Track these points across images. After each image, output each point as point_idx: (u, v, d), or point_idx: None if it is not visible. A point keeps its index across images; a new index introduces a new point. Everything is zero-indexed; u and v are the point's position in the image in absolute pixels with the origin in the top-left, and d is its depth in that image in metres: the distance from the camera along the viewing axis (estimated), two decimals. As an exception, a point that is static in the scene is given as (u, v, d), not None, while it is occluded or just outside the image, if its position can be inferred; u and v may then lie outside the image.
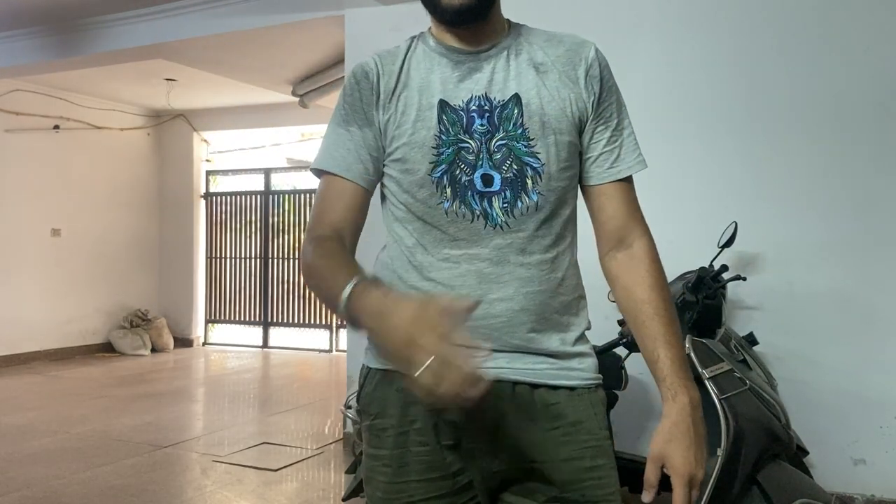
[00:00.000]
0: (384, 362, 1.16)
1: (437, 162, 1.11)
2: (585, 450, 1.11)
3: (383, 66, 1.16)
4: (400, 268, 1.16)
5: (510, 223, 1.11)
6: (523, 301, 1.11)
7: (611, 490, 1.12)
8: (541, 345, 1.13)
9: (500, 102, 1.12)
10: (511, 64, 1.14)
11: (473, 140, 1.11)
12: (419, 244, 1.14)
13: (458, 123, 1.11)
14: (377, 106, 1.15)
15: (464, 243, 1.12)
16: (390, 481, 1.14)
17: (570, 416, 1.13)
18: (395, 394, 1.14)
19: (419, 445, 1.13)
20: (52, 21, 5.20)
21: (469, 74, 1.13)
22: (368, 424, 1.19)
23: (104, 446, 4.20)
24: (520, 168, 1.11)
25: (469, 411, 1.09)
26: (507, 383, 1.12)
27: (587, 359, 1.18)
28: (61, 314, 7.48)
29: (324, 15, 4.27)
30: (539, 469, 1.11)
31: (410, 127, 1.12)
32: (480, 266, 1.11)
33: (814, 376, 3.15)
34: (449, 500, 1.14)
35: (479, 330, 1.11)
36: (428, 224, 1.13)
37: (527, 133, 1.11)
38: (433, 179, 1.11)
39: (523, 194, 1.11)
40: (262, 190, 8.63)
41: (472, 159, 1.11)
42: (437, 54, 1.16)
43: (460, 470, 1.13)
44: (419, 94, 1.13)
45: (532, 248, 1.12)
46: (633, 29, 3.48)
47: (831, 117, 3.18)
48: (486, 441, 1.12)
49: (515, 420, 1.12)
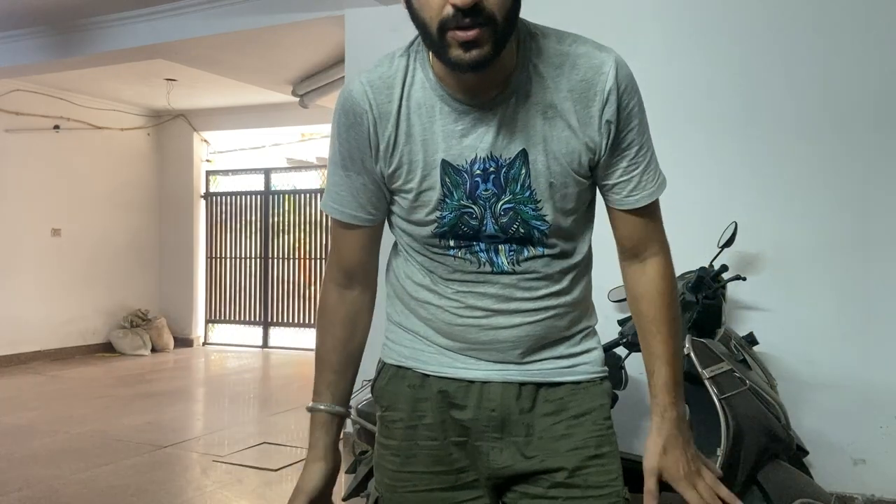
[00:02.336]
0: (398, 359, 1.21)
1: (440, 223, 1.09)
2: (590, 439, 1.13)
3: (377, 107, 1.06)
4: (410, 288, 1.18)
5: (517, 269, 1.11)
6: (529, 329, 1.13)
7: (613, 476, 1.13)
8: (546, 355, 1.16)
9: (507, 161, 1.04)
10: (519, 113, 1.04)
11: (477, 206, 1.07)
12: (425, 268, 1.16)
13: (461, 187, 1.06)
14: (376, 157, 1.08)
15: (470, 280, 1.13)
16: (398, 469, 1.18)
17: (573, 409, 1.14)
18: (407, 389, 1.18)
19: (427, 440, 1.16)
20: (52, 21, 5.20)
21: (473, 128, 1.04)
22: (380, 415, 1.23)
23: (104, 446, 4.20)
24: (527, 231, 1.08)
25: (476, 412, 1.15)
26: (514, 385, 1.14)
27: (593, 352, 1.19)
28: (61, 314, 7.48)
29: (324, 15, 4.27)
30: (544, 462, 1.13)
31: (417, 185, 1.07)
32: (487, 302, 1.12)
33: (814, 376, 3.14)
34: (450, 493, 1.16)
35: (486, 352, 1.14)
36: (434, 263, 1.14)
37: (534, 195, 1.06)
38: (436, 233, 1.10)
39: (529, 246, 1.10)
40: (262, 190, 8.63)
41: (475, 224, 1.08)
42: (436, 96, 1.05)
43: (464, 467, 1.16)
44: (423, 148, 1.06)
45: (538, 286, 1.13)
46: (633, 29, 3.47)
47: (831, 117, 3.17)
48: (492, 440, 1.14)
49: (521, 419, 1.14)
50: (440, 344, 1.16)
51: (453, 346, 1.15)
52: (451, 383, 1.15)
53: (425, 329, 1.17)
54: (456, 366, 1.15)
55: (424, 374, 1.17)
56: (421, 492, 1.16)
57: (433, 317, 1.16)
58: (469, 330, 1.13)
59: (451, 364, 1.15)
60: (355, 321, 1.22)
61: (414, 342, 1.19)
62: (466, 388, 1.15)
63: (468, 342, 1.14)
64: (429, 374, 1.16)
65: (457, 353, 1.16)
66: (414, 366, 1.18)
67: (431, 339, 1.17)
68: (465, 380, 1.15)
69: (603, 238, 1.28)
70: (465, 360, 1.15)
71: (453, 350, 1.16)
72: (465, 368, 1.15)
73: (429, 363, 1.17)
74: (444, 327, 1.15)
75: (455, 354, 1.16)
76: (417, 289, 1.17)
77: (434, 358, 1.16)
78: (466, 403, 1.14)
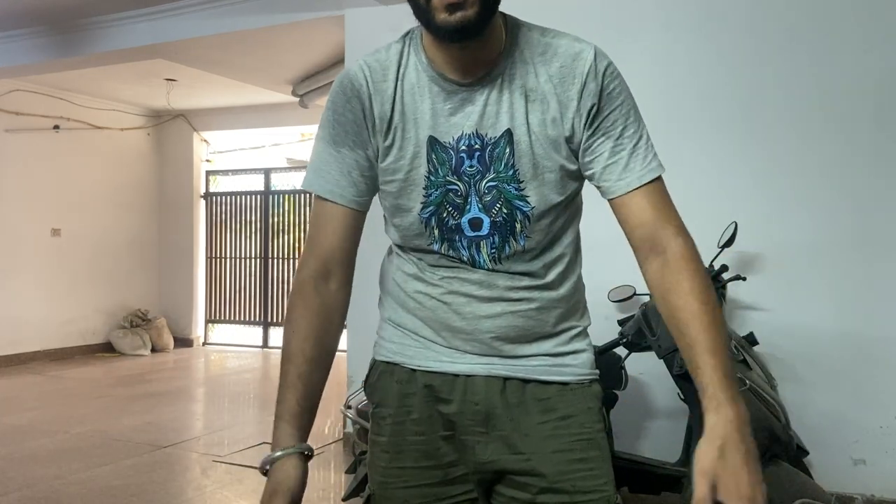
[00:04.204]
0: (387, 355, 1.21)
1: (425, 203, 1.10)
2: (576, 442, 1.12)
3: (374, 84, 1.10)
4: (400, 279, 1.19)
5: (498, 268, 1.12)
6: (512, 319, 1.13)
7: (602, 481, 1.11)
8: (531, 350, 1.16)
9: (492, 140, 1.07)
10: (504, 94, 1.08)
11: (462, 182, 1.08)
12: (416, 260, 1.17)
13: (447, 164, 1.08)
14: (372, 131, 1.11)
15: (455, 270, 1.14)
16: (388, 465, 1.18)
17: (561, 410, 1.14)
18: (395, 385, 1.19)
19: (415, 435, 1.17)
20: (52, 21, 5.20)
21: (461, 107, 1.08)
22: (372, 412, 1.23)
23: (104, 446, 4.20)
24: (510, 212, 1.09)
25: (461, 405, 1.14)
26: (498, 379, 1.14)
27: (581, 354, 1.18)
28: (61, 314, 7.48)
29: (324, 15, 4.27)
30: (530, 461, 1.12)
31: (408, 163, 1.10)
32: (470, 288, 1.13)
33: (814, 376, 3.15)
34: (441, 488, 1.17)
35: (470, 342, 1.14)
36: (421, 253, 1.16)
37: (517, 175, 1.08)
38: (422, 219, 1.11)
39: (511, 239, 1.10)
40: (261, 190, 8.63)
41: (460, 202, 1.09)
42: (427, 77, 1.09)
43: (454, 461, 1.17)
44: (414, 126, 1.09)
45: (521, 278, 1.13)
46: (632, 29, 3.47)
47: (831, 118, 3.17)
48: (477, 434, 1.14)
49: (506, 413, 1.14)
50: (426, 336, 1.17)
51: (439, 340, 1.16)
52: (437, 377, 1.15)
53: (413, 321, 1.18)
54: (441, 360, 1.16)
55: (412, 369, 1.17)
56: (411, 487, 1.16)
57: (420, 305, 1.16)
58: (452, 318, 1.13)
59: (436, 358, 1.16)
60: (331, 317, 1.14)
61: (402, 338, 1.19)
62: (452, 382, 1.15)
63: (452, 330, 1.14)
64: (415, 368, 1.17)
65: (442, 347, 1.16)
66: (401, 361, 1.19)
67: (419, 333, 1.17)
68: (449, 373, 1.15)
69: (603, 238, 1.28)
70: (451, 353, 1.15)
71: (439, 343, 1.16)
72: (450, 362, 1.15)
73: (415, 358, 1.17)
74: (430, 315, 1.15)
75: (441, 348, 1.16)
76: (407, 279, 1.18)
77: (420, 353, 1.17)
78: (452, 397, 1.15)
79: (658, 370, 2.71)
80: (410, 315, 1.18)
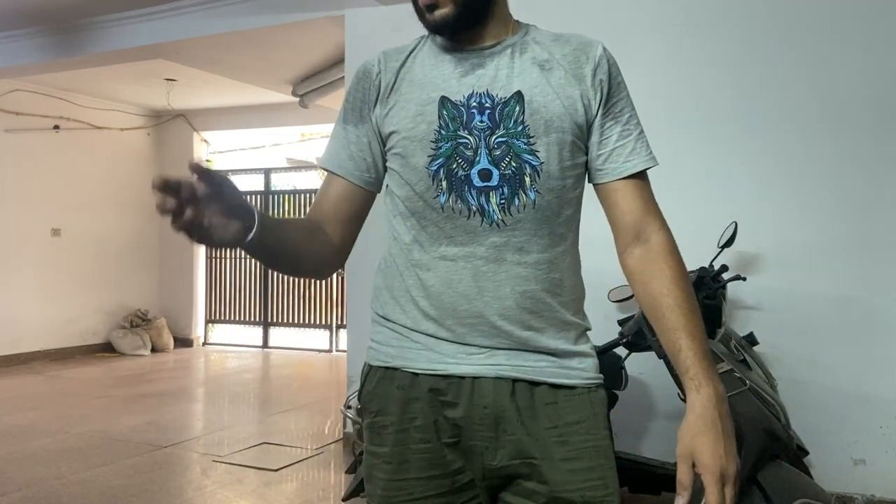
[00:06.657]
0: (385, 360, 1.17)
1: (434, 156, 1.11)
2: (584, 450, 1.10)
3: (386, 63, 1.19)
4: (401, 264, 1.16)
5: (507, 221, 1.10)
6: (519, 299, 1.10)
7: (610, 491, 1.10)
8: (539, 343, 1.12)
9: (503, 99, 1.11)
10: (515, 62, 1.14)
11: (472, 136, 1.10)
12: (416, 241, 1.14)
13: (457, 119, 1.11)
14: (376, 102, 1.18)
15: (460, 241, 1.11)
16: (390, 478, 1.14)
17: (568, 415, 1.12)
18: (397, 391, 1.14)
19: (419, 443, 1.13)
20: (52, 21, 5.20)
21: (472, 70, 1.14)
22: (369, 422, 1.19)
23: (104, 446, 4.20)
24: (519, 165, 1.10)
25: (468, 409, 1.11)
26: (507, 381, 1.11)
27: (588, 359, 1.16)
28: (61, 314, 7.48)
29: (324, 15, 4.27)
30: (538, 467, 1.10)
31: (410, 121, 1.13)
32: (477, 264, 1.10)
33: (814, 376, 3.15)
34: (448, 498, 1.13)
35: (477, 327, 1.11)
36: (425, 220, 1.13)
37: (527, 130, 1.10)
38: (430, 172, 1.11)
39: (521, 192, 1.10)
40: (262, 190, 8.63)
41: (470, 155, 1.10)
42: (442, 51, 1.17)
43: (460, 468, 1.13)
44: (420, 89, 1.14)
45: (530, 248, 1.11)
46: (633, 29, 3.48)
47: (832, 118, 3.18)
48: (486, 438, 1.11)
49: (514, 417, 1.11)
50: (429, 332, 1.13)
51: (443, 333, 1.12)
52: (442, 380, 1.12)
53: (414, 314, 1.14)
54: (446, 361, 1.12)
55: (413, 373, 1.13)
56: (417, 500, 1.13)
57: (424, 289, 1.13)
58: (458, 300, 1.10)
59: (440, 360, 1.12)
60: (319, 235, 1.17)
61: (401, 340, 1.15)
62: (458, 385, 1.11)
63: (458, 316, 1.11)
64: (418, 372, 1.13)
65: (446, 343, 1.12)
66: (402, 365, 1.14)
67: (420, 328, 1.13)
68: (455, 375, 1.11)
69: (601, 239, 1.28)
70: (456, 351, 1.12)
71: (443, 338, 1.12)
72: (455, 363, 1.11)
73: (417, 360, 1.13)
74: (434, 301, 1.12)
75: (445, 345, 1.12)
76: (409, 265, 1.15)
77: (422, 354, 1.13)
78: (458, 401, 1.11)
79: (658, 370, 2.70)
80: (411, 304, 1.14)
